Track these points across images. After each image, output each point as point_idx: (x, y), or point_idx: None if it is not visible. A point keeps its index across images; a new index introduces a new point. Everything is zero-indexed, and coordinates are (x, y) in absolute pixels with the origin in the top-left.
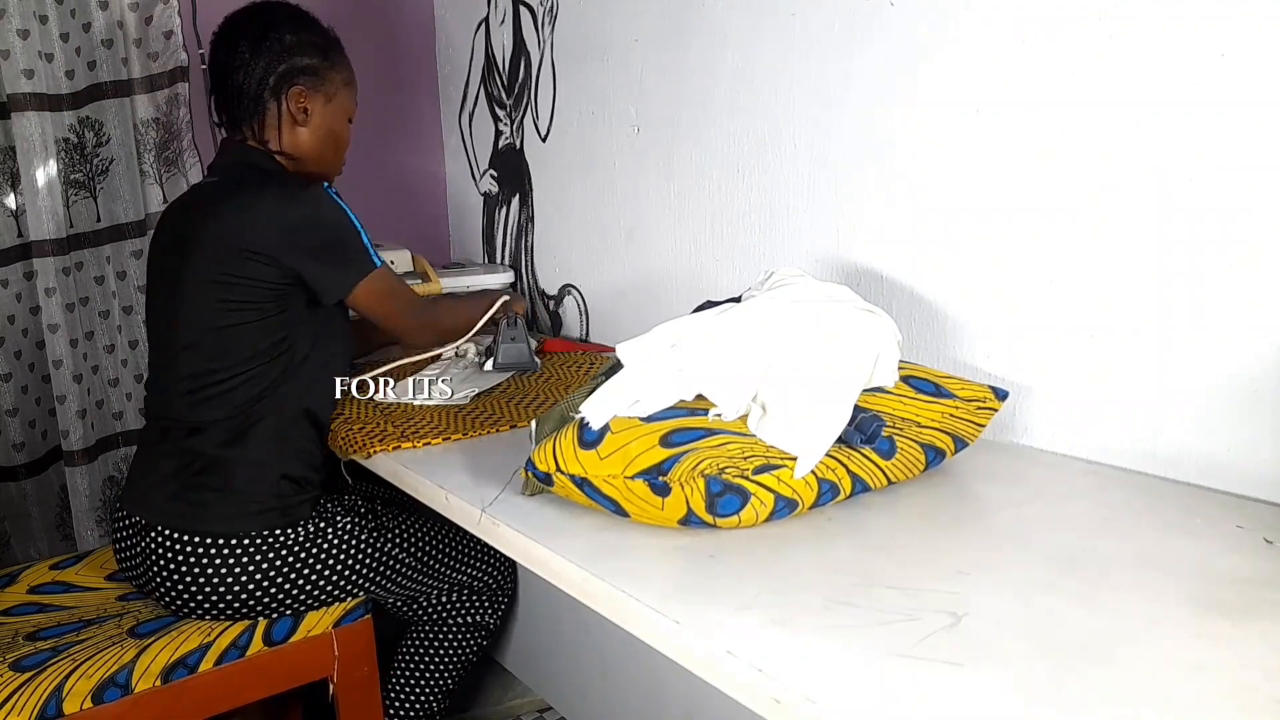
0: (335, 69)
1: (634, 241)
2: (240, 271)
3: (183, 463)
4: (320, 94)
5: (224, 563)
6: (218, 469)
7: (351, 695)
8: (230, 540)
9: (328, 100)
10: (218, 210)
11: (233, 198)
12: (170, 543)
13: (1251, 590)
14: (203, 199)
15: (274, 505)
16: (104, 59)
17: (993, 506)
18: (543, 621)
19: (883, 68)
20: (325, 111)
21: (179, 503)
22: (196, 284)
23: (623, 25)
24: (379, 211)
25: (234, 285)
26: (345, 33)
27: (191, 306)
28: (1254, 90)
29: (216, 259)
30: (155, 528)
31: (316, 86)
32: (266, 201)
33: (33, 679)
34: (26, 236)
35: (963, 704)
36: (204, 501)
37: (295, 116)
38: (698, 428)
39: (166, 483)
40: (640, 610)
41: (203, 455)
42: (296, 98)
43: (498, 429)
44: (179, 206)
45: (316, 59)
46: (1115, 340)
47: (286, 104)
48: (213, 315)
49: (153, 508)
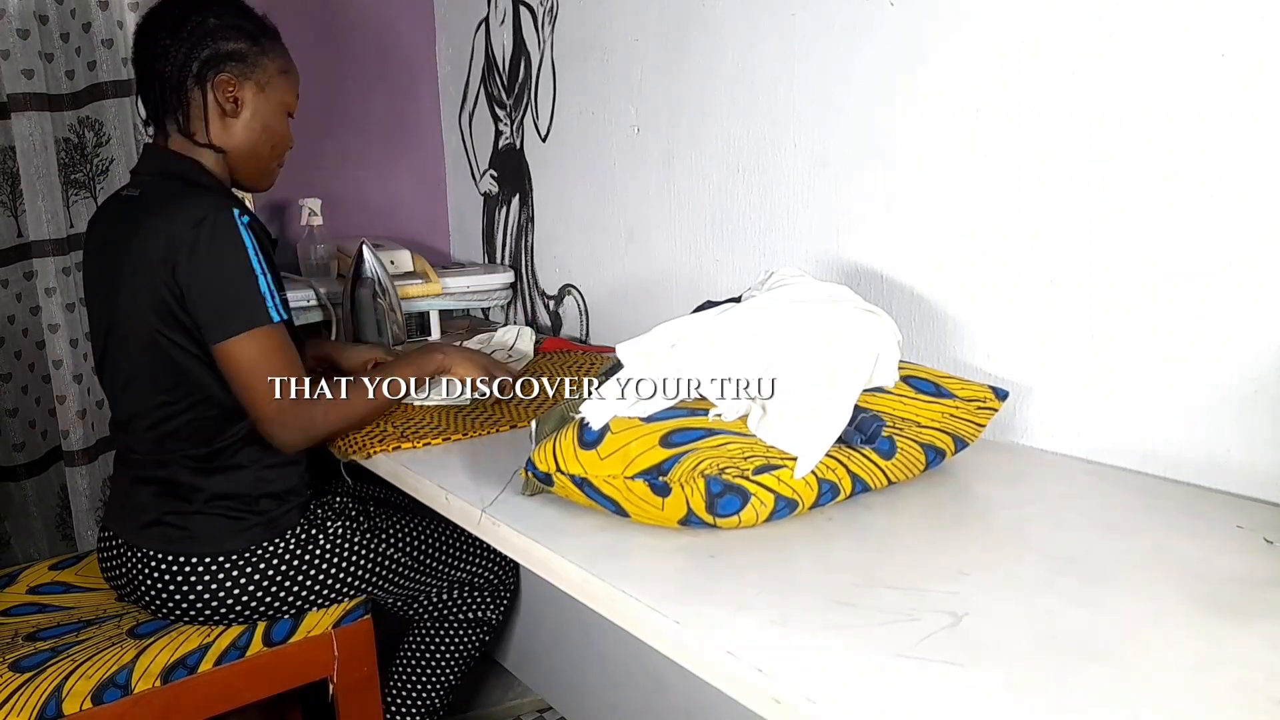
0: (267, 55)
1: (634, 241)
2: (162, 298)
3: (158, 491)
4: (250, 82)
5: (212, 578)
6: (194, 496)
7: (351, 695)
8: (217, 557)
9: (260, 89)
10: (137, 230)
11: (150, 215)
12: (155, 562)
13: (1251, 590)
14: (123, 217)
15: (257, 522)
16: (104, 59)
17: (993, 506)
18: (543, 622)
19: (883, 68)
20: (258, 102)
21: (159, 527)
22: (128, 315)
23: (623, 25)
24: (379, 211)
25: (164, 313)
26: (345, 33)
27: (128, 339)
28: (1254, 90)
29: (142, 285)
30: (137, 548)
31: (246, 74)
32: (174, 219)
33: (32, 679)
34: (26, 236)
35: (963, 704)
36: (184, 525)
37: (224, 106)
38: (698, 428)
39: (144, 510)
40: (640, 610)
41: (177, 485)
42: (224, 86)
43: (498, 429)
44: (100, 226)
45: (244, 44)
46: (1115, 340)
47: (213, 93)
48: (156, 348)
49: (133, 530)
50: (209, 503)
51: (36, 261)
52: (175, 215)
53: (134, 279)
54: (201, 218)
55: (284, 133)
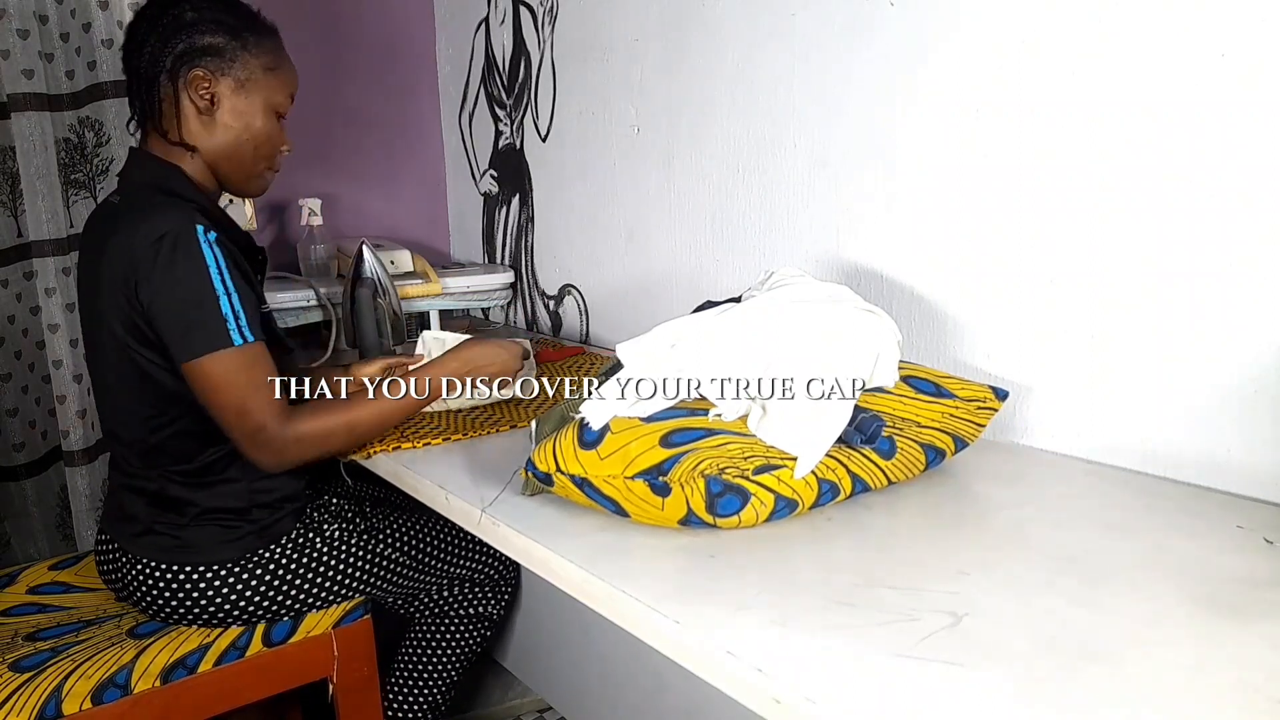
0: (249, 51)
1: (634, 241)
2: (129, 314)
3: (150, 501)
4: (228, 78)
5: (209, 585)
6: (186, 509)
7: (351, 695)
8: (212, 565)
9: (239, 86)
10: (109, 243)
11: (120, 228)
12: (151, 569)
13: (1251, 590)
14: (104, 226)
15: (250, 530)
16: (104, 59)
17: (993, 506)
18: (543, 621)
19: (883, 68)
20: (237, 100)
21: (153, 536)
22: (105, 329)
23: (623, 25)
24: (379, 211)
25: (133, 330)
26: (345, 33)
27: (107, 353)
28: (1254, 90)
29: (113, 299)
30: (134, 555)
31: (222, 69)
32: (137, 234)
33: (32, 679)
34: (26, 236)
35: (963, 704)
36: (178, 537)
37: (198, 104)
38: (698, 428)
39: (137, 519)
40: (640, 610)
41: (168, 498)
42: (198, 82)
43: (498, 429)
44: (87, 234)
45: (222, 38)
46: (1115, 340)
47: (187, 90)
48: (132, 363)
49: (129, 539)
50: (201, 516)
51: (36, 261)
52: (136, 231)
53: (107, 294)
54: (161, 234)
55: (269, 134)
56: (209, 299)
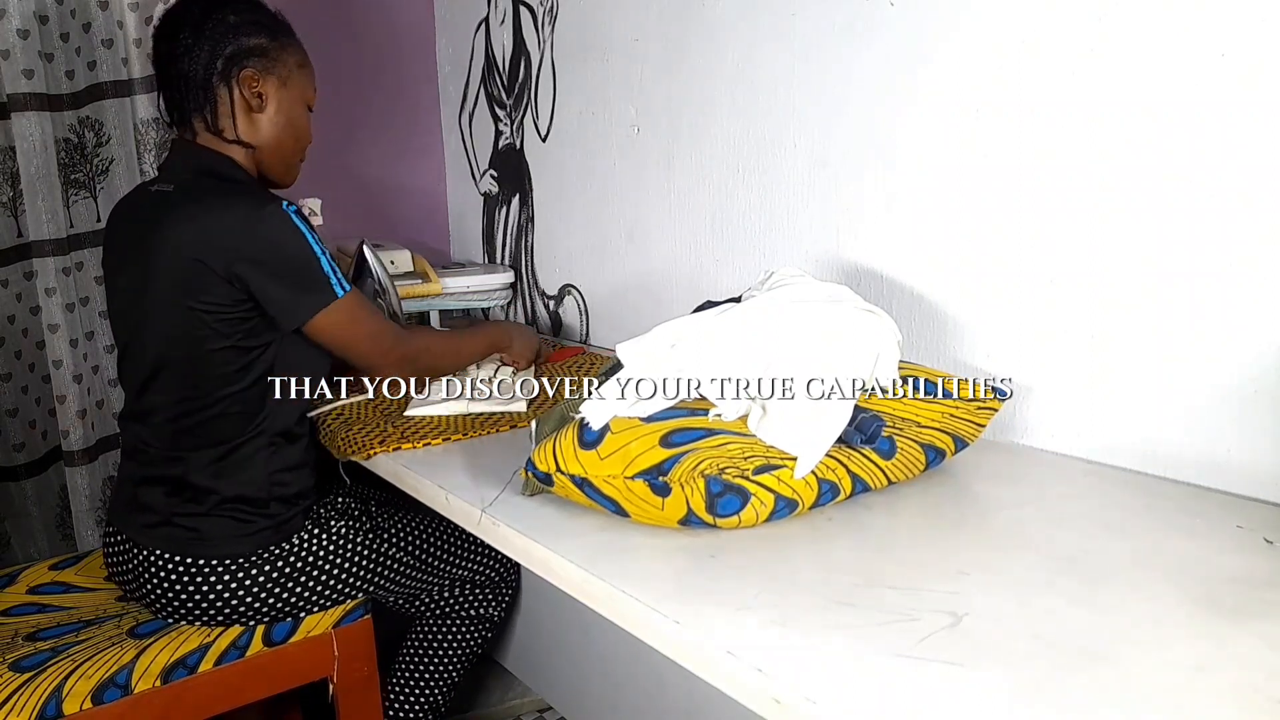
0: (286, 50)
1: (634, 241)
2: (203, 291)
3: (168, 490)
4: (274, 76)
5: (219, 580)
6: (206, 498)
7: (351, 695)
8: (225, 560)
9: (282, 83)
10: (175, 223)
11: (190, 209)
12: (162, 562)
13: (1251, 590)
14: (156, 209)
15: (266, 525)
16: (104, 59)
17: (993, 506)
18: (543, 622)
19: (883, 68)
20: (281, 96)
21: (168, 528)
22: (160, 307)
23: (623, 25)
24: (379, 211)
25: (198, 307)
26: (345, 33)
27: (158, 332)
28: (1254, 90)
29: (177, 278)
30: (145, 548)
31: (268, 68)
32: (226, 215)
33: (32, 679)
34: (26, 236)
35: (963, 704)
36: (195, 528)
37: (250, 102)
38: (698, 428)
39: (152, 509)
40: (640, 610)
41: (188, 485)
42: (249, 81)
43: (498, 429)
44: (128, 217)
45: (264, 39)
46: (1115, 340)
47: (239, 89)
48: (183, 342)
49: (140, 530)
50: (220, 505)
51: (36, 261)
52: (229, 210)
53: (172, 272)
54: (258, 211)
55: (306, 126)
56: (314, 262)
